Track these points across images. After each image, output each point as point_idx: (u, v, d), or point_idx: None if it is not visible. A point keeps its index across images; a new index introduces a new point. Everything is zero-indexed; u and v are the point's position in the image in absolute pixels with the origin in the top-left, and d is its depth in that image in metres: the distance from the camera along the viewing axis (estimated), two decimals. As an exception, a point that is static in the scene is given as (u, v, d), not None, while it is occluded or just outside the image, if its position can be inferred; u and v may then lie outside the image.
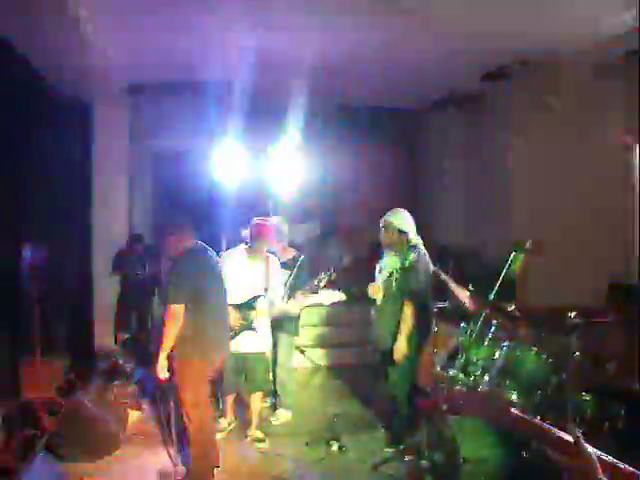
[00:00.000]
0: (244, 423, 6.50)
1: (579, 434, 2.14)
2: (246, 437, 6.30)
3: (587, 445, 2.10)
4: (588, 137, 7.53)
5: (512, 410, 2.22)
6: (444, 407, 2.25)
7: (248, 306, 6.08)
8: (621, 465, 2.07)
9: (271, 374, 6.66)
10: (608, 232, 7.35)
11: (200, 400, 5.17)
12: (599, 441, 3.57)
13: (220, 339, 5.36)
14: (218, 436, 5.91)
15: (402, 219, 6.01)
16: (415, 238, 5.98)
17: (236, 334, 6.02)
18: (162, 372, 5.06)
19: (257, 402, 6.36)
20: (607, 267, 6.76)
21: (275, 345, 6.77)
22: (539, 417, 4.56)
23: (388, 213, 6.08)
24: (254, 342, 6.14)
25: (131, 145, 9.45)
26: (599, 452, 2.10)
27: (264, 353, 6.29)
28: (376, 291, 6.10)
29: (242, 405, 6.60)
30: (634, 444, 2.08)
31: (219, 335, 5.34)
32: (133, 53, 7.70)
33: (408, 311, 5.76)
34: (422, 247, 5.97)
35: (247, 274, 6.11)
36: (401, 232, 5.94)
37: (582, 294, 5.67)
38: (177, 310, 4.97)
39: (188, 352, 5.07)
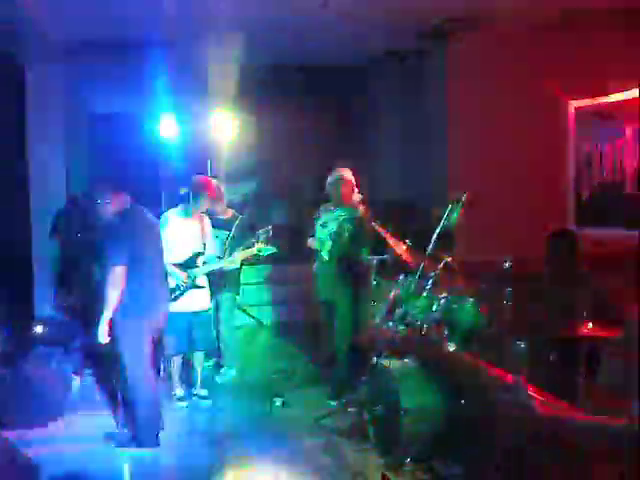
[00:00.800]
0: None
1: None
2: (193, 396, 6.33)
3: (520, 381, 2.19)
4: (524, 91, 7.63)
5: (446, 348, 2.28)
6: (381, 344, 2.30)
7: (190, 264, 6.08)
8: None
9: (214, 333, 6.67)
10: (544, 185, 7.52)
11: (141, 359, 5.14)
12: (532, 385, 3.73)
13: (159, 298, 5.34)
14: (181, 405, 6.11)
15: (349, 175, 6.24)
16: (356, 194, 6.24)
17: (182, 293, 6.03)
18: (102, 336, 5.00)
19: (200, 360, 6.37)
20: (543, 219, 6.90)
21: (217, 304, 6.80)
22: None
23: (338, 169, 6.27)
24: (199, 300, 6.15)
25: (67, 106, 9.21)
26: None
27: (208, 310, 6.31)
28: (320, 244, 6.27)
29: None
30: (563, 388, 2.16)
31: (158, 294, 5.32)
32: (67, 10, 7.45)
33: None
34: None
35: (185, 233, 6.11)
36: (350, 188, 6.21)
37: (519, 246, 5.77)
38: (120, 272, 4.92)
39: (128, 311, 5.02)
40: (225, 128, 8.56)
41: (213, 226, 6.45)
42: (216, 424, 5.80)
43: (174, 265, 5.97)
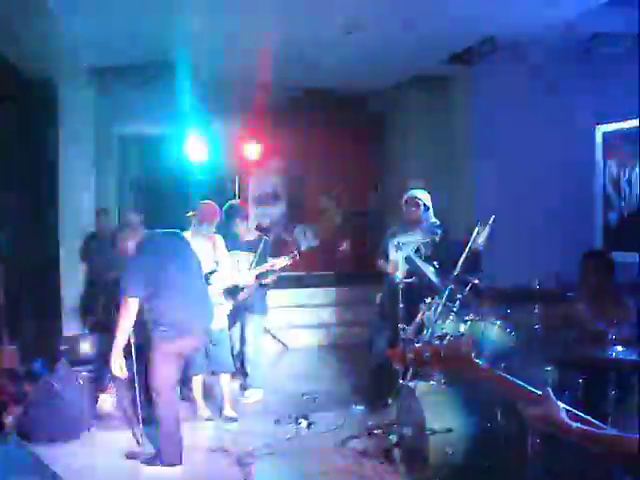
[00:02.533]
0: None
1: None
2: (220, 417, 6.35)
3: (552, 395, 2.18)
4: (552, 115, 7.63)
5: (476, 360, 2.27)
6: (410, 357, 2.29)
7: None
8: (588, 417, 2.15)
9: (231, 353, 6.68)
10: (572, 209, 7.48)
11: (168, 381, 5.18)
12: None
13: (194, 317, 5.28)
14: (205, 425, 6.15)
15: (426, 195, 6.39)
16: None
17: None
18: (116, 369, 5.02)
19: (227, 381, 6.42)
20: (571, 243, 6.86)
21: (244, 325, 6.84)
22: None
23: (412, 190, 6.41)
24: (217, 319, 6.19)
25: (97, 129, 9.36)
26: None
27: (224, 330, 6.37)
28: (394, 267, 6.31)
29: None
30: (591, 412, 2.15)
31: (193, 313, 5.26)
32: (99, 34, 7.60)
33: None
34: None
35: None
36: (427, 208, 6.34)
37: (546, 269, 5.75)
38: (130, 302, 4.94)
39: (156, 336, 5.08)
40: (253, 150, 8.63)
41: (237, 248, 6.55)
42: (241, 445, 5.77)
43: None
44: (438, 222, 6.42)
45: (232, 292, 6.44)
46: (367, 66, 9.00)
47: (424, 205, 6.35)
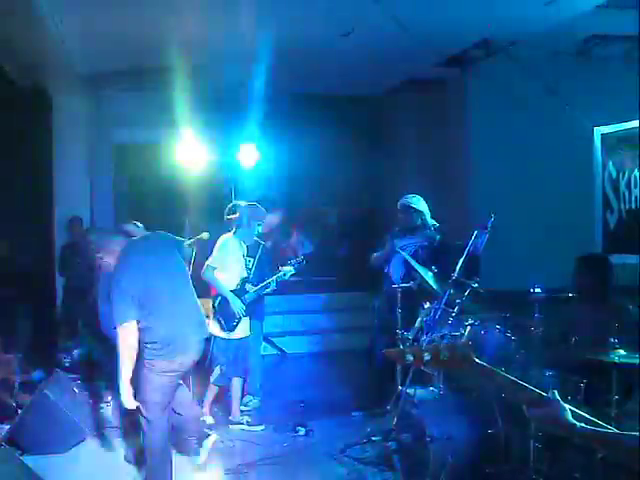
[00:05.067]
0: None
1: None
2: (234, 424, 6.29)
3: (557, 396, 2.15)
4: (548, 118, 7.59)
5: (477, 360, 2.22)
6: (410, 356, 2.23)
7: (242, 291, 6.18)
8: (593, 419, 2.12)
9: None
10: (571, 212, 7.44)
11: (158, 403, 4.66)
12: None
13: (183, 337, 4.69)
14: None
15: (419, 201, 6.41)
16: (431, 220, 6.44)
17: (239, 321, 6.14)
18: (128, 401, 4.50)
19: (239, 385, 6.39)
20: (570, 246, 6.82)
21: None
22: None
23: (405, 197, 6.43)
24: (245, 326, 6.25)
25: (91, 135, 9.34)
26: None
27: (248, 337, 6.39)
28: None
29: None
30: (593, 416, 2.12)
31: (181, 333, 4.68)
32: (93, 41, 7.57)
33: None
34: None
35: (239, 258, 6.23)
36: (421, 213, 6.37)
37: (546, 273, 5.70)
38: (127, 327, 4.45)
39: (148, 355, 4.57)
40: (249, 157, 8.57)
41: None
42: (240, 452, 5.70)
43: (232, 292, 6.11)
44: (437, 225, 6.44)
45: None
46: (364, 69, 8.98)
47: (418, 211, 6.36)
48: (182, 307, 4.77)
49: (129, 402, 4.49)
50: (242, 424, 6.28)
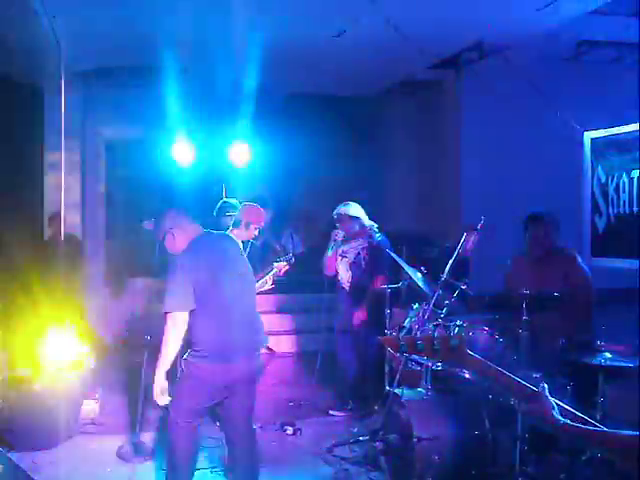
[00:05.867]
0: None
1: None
2: None
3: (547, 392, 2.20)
4: (539, 122, 7.64)
5: (468, 351, 2.26)
6: (403, 344, 2.26)
7: None
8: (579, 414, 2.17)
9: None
10: (562, 219, 7.46)
11: (190, 414, 4.30)
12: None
13: (233, 345, 4.29)
14: None
15: (353, 208, 6.54)
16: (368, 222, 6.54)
17: None
18: (161, 397, 4.20)
19: None
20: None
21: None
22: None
23: (338, 208, 6.57)
24: None
25: (83, 132, 9.32)
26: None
27: None
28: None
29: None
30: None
31: (232, 340, 4.28)
32: (85, 39, 7.56)
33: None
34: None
35: None
36: (356, 218, 6.51)
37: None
38: (178, 317, 4.13)
39: (190, 357, 4.24)
40: (240, 156, 8.57)
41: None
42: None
43: None
44: (376, 225, 6.61)
45: None
46: (356, 70, 9.00)
47: (354, 217, 6.50)
48: (239, 312, 4.38)
49: (161, 398, 4.19)
50: None
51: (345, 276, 6.64)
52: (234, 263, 4.52)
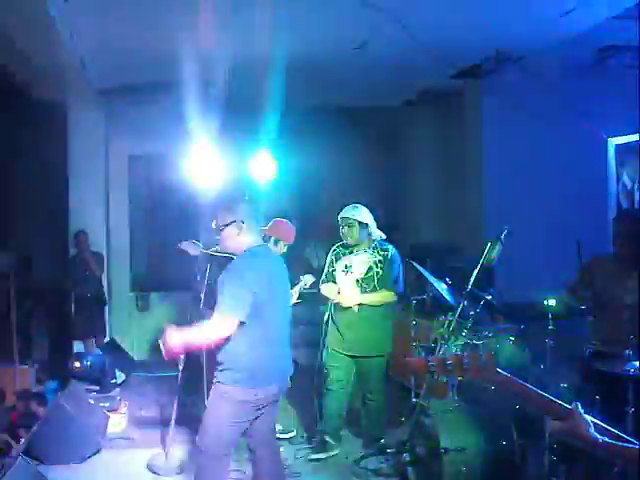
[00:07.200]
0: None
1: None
2: None
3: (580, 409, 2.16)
4: (563, 129, 7.59)
5: (499, 370, 2.24)
6: (432, 365, 2.24)
7: None
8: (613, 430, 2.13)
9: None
10: (584, 222, 7.41)
11: (223, 442, 4.16)
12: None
13: (271, 367, 4.13)
14: None
15: (364, 212, 5.75)
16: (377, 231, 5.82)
17: None
18: (164, 347, 3.98)
19: None
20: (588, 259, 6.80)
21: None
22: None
23: (345, 209, 5.80)
24: None
25: (107, 148, 9.42)
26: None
27: None
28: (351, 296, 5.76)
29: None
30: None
31: (271, 362, 4.12)
32: (108, 56, 7.64)
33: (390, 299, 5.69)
34: None
35: None
36: (365, 225, 5.72)
37: (560, 284, 5.69)
38: (230, 324, 3.89)
39: (225, 378, 4.05)
40: (263, 169, 8.59)
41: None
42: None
43: None
44: (384, 237, 5.85)
45: None
46: (377, 82, 9.00)
47: (361, 223, 5.67)
48: (282, 336, 4.26)
49: (165, 350, 3.96)
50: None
51: (351, 294, 5.75)
52: (285, 285, 4.42)
